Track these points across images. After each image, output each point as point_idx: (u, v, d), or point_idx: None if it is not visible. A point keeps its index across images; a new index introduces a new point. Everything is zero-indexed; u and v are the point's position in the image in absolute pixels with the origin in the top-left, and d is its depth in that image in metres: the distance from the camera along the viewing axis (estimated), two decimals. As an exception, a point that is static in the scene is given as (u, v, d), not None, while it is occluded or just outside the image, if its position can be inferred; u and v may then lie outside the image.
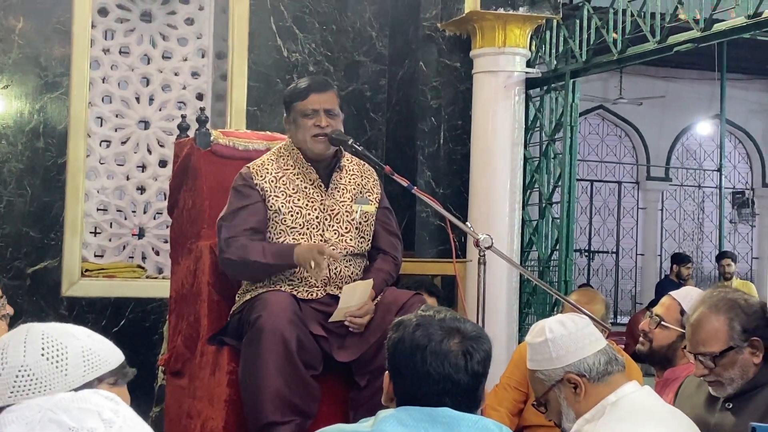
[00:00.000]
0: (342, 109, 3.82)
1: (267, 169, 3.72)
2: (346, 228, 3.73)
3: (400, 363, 2.11)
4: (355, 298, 3.56)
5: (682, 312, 3.37)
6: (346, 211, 3.74)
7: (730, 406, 2.78)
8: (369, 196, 3.81)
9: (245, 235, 3.63)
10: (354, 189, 3.78)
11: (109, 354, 1.63)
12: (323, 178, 3.75)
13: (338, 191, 3.76)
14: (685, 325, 2.91)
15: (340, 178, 3.78)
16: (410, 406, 2.07)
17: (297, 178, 3.71)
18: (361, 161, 3.86)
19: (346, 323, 3.58)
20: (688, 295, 3.44)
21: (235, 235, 3.62)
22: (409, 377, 2.08)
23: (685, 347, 3.30)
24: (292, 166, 3.73)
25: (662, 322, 3.41)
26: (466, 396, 2.08)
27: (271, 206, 3.67)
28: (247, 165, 3.78)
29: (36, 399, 1.30)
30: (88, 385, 1.56)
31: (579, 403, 2.62)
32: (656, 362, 3.47)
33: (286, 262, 3.57)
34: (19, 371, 1.55)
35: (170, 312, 4.28)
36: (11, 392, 1.54)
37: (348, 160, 3.83)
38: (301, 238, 3.66)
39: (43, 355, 1.56)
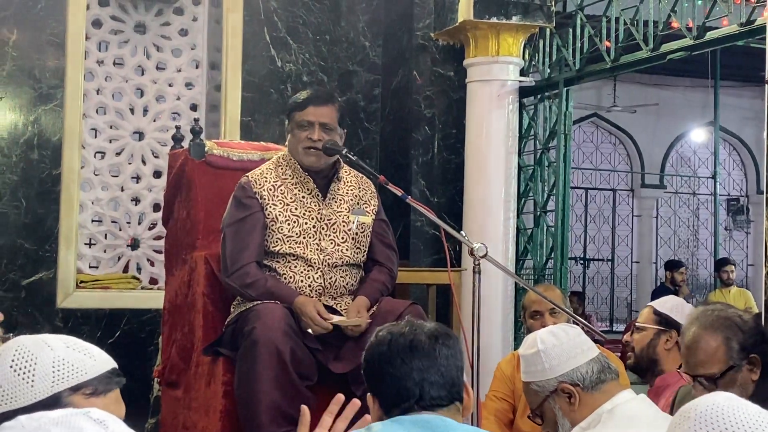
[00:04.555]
0: (343, 124, 3.82)
1: (266, 177, 3.75)
2: (342, 238, 3.75)
3: (374, 371, 2.12)
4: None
5: (655, 312, 3.47)
6: (343, 221, 3.76)
7: None
8: (366, 207, 3.83)
9: (249, 264, 3.67)
10: (351, 200, 3.81)
11: (86, 365, 1.63)
12: (321, 189, 3.77)
13: (335, 201, 3.78)
14: (680, 345, 2.87)
15: (338, 189, 3.80)
16: (399, 414, 2.07)
17: (295, 188, 3.73)
18: (360, 173, 3.87)
19: (348, 329, 3.60)
20: (662, 300, 3.52)
21: (241, 265, 3.66)
22: (387, 380, 2.08)
23: (667, 342, 3.35)
24: (290, 175, 3.75)
25: (636, 325, 3.48)
26: (444, 380, 2.07)
27: (268, 214, 3.70)
28: (247, 174, 3.81)
29: (21, 420, 1.29)
30: (57, 396, 1.57)
31: (574, 413, 2.62)
32: (645, 369, 3.49)
33: (285, 300, 3.61)
34: None
35: (164, 323, 4.28)
36: None
37: (346, 171, 3.86)
38: (298, 247, 3.68)
39: (11, 367, 1.59)
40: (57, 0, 6.18)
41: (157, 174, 6.52)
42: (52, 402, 1.57)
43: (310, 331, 3.53)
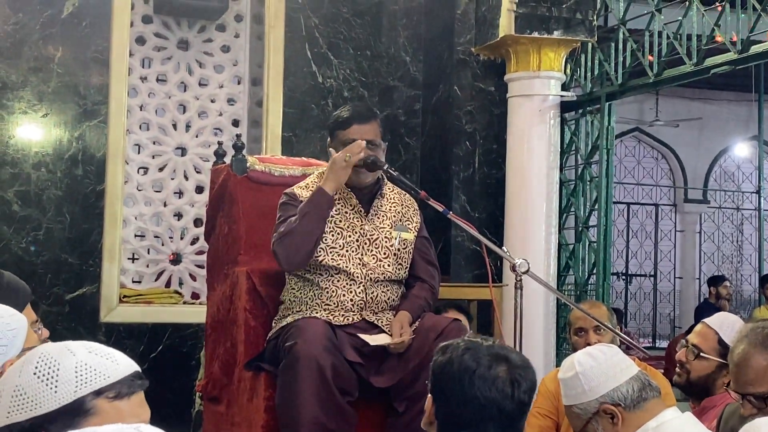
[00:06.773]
0: (384, 138, 3.85)
1: (310, 190, 3.76)
2: (384, 253, 3.75)
3: (446, 385, 2.10)
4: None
5: (720, 341, 3.28)
6: (385, 237, 3.76)
7: None
8: (408, 224, 3.84)
9: None
10: (394, 216, 3.81)
11: (108, 369, 1.64)
12: (364, 205, 3.78)
13: (378, 218, 3.78)
14: (729, 362, 2.81)
15: (381, 205, 3.81)
16: (449, 431, 2.06)
17: (338, 203, 3.74)
18: (403, 190, 3.88)
19: (390, 347, 3.58)
20: (723, 323, 3.35)
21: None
22: (455, 400, 2.08)
23: (726, 376, 3.24)
24: None
25: (701, 354, 3.30)
26: (510, 424, 2.07)
27: None
28: (291, 187, 3.83)
29: None
30: (81, 400, 1.59)
31: (618, 433, 2.59)
32: (694, 393, 3.39)
33: (321, 199, 3.62)
34: (14, 391, 1.60)
35: (206, 338, 4.29)
36: (8, 413, 1.58)
37: (390, 188, 3.87)
38: (341, 259, 3.68)
39: (35, 374, 1.60)
40: (102, 17, 6.26)
41: (199, 189, 6.57)
42: (76, 406, 1.58)
43: (347, 156, 3.58)
